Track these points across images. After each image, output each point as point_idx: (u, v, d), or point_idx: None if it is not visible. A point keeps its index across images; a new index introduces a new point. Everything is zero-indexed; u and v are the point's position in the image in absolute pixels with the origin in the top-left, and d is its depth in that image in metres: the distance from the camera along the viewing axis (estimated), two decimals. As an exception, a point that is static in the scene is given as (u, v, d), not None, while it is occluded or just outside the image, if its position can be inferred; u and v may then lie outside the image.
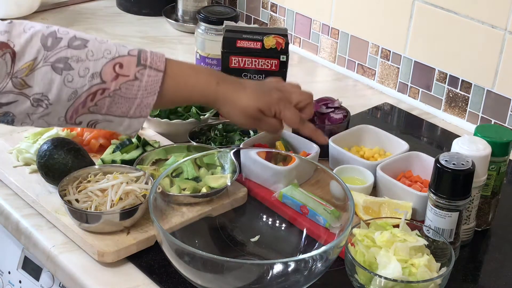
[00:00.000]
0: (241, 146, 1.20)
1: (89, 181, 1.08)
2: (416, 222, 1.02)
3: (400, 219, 0.99)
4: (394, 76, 1.57)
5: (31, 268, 1.16)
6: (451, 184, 0.98)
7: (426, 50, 1.49)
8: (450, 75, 1.46)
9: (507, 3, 1.32)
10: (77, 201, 1.04)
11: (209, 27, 1.44)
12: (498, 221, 1.15)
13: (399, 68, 1.56)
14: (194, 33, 1.48)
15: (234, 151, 1.09)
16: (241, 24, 1.43)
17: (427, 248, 0.96)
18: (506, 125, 1.39)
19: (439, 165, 0.98)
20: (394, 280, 0.89)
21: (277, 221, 1.09)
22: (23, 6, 1.82)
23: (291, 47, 1.69)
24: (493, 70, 1.38)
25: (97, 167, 1.12)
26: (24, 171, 1.16)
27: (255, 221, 1.11)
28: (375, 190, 1.16)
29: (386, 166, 1.15)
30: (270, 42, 1.26)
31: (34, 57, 0.92)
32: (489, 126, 1.11)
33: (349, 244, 0.96)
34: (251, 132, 1.29)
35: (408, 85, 1.55)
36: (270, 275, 0.90)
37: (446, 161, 0.98)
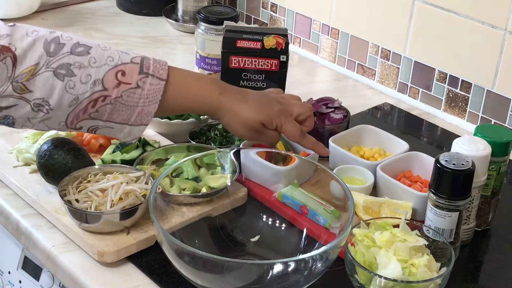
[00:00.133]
0: (241, 146, 1.20)
1: (89, 181, 1.08)
2: (416, 222, 1.02)
3: (400, 219, 0.99)
4: (394, 76, 1.57)
5: (31, 268, 1.15)
6: (451, 184, 0.98)
7: (426, 50, 1.49)
8: (450, 75, 1.46)
9: (507, 3, 1.32)
10: (77, 201, 1.04)
11: (209, 27, 1.44)
12: (498, 221, 1.15)
13: (399, 68, 1.55)
14: (194, 33, 1.48)
15: (234, 151, 1.09)
16: (241, 24, 1.42)
17: (427, 248, 0.96)
18: (506, 125, 1.39)
19: (439, 165, 0.98)
20: (394, 280, 0.89)
21: (277, 221, 1.09)
22: (23, 6, 1.82)
23: (291, 47, 1.70)
24: (493, 70, 1.38)
25: (97, 167, 1.11)
26: (24, 171, 1.16)
27: (255, 221, 1.11)
28: (375, 190, 1.16)
29: (386, 166, 1.15)
30: (270, 42, 1.26)
31: (36, 62, 0.92)
32: (489, 126, 1.11)
33: (349, 244, 0.95)
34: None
35: (408, 85, 1.55)
36: (270, 275, 0.90)
37: (446, 161, 0.98)
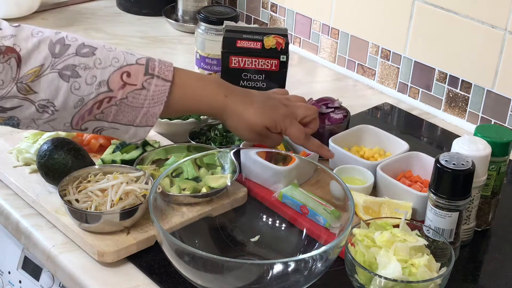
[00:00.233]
0: (241, 146, 1.20)
1: (89, 181, 1.08)
2: (416, 222, 1.02)
3: (400, 219, 0.99)
4: (394, 76, 1.57)
5: (31, 268, 1.15)
6: (451, 184, 0.98)
7: (426, 50, 1.49)
8: (450, 75, 1.46)
9: (507, 3, 1.32)
10: (77, 201, 1.04)
11: (209, 27, 1.44)
12: (498, 221, 1.15)
13: (399, 68, 1.55)
14: (194, 33, 1.48)
15: (234, 151, 1.09)
16: (241, 24, 1.42)
17: (427, 248, 0.96)
18: (506, 125, 1.39)
19: (439, 165, 0.98)
20: (394, 280, 0.89)
21: (277, 221, 1.09)
22: (23, 6, 1.82)
23: (291, 47, 1.70)
24: (493, 70, 1.38)
25: (97, 167, 1.11)
26: (24, 171, 1.16)
27: (255, 221, 1.10)
28: (375, 190, 1.16)
29: (386, 166, 1.15)
30: (270, 42, 1.26)
31: (41, 63, 0.91)
32: (489, 126, 1.11)
33: (349, 244, 0.95)
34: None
35: (408, 85, 1.55)
36: (270, 275, 0.90)
37: (446, 161, 0.98)
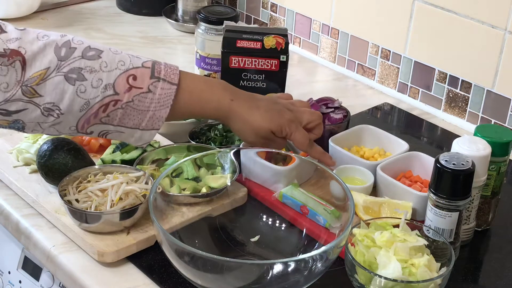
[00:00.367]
0: (241, 146, 1.20)
1: (89, 181, 1.08)
2: (416, 222, 1.02)
3: (400, 219, 0.99)
4: (394, 76, 1.57)
5: (31, 268, 1.16)
6: (451, 184, 0.98)
7: (426, 50, 1.49)
8: (450, 75, 1.46)
9: (507, 3, 1.32)
10: (77, 201, 1.04)
11: (209, 27, 1.44)
12: (498, 221, 1.15)
13: (399, 68, 1.55)
14: (194, 33, 1.48)
15: (234, 151, 1.09)
16: (241, 24, 1.42)
17: (427, 248, 0.96)
18: (506, 125, 1.39)
19: (439, 165, 0.98)
20: (394, 280, 0.89)
21: (277, 221, 1.09)
22: (23, 6, 1.82)
23: (291, 47, 1.70)
24: (493, 70, 1.38)
25: (97, 167, 1.11)
26: (24, 171, 1.16)
27: (255, 221, 1.10)
28: (375, 190, 1.16)
29: (386, 166, 1.15)
30: (270, 42, 1.26)
31: (47, 66, 0.91)
32: (489, 126, 1.11)
33: (349, 244, 0.95)
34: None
35: (408, 85, 1.55)
36: (270, 275, 0.90)
37: (446, 161, 0.98)
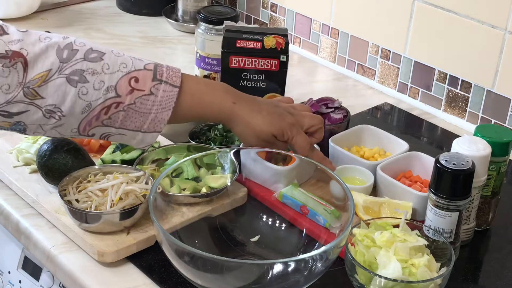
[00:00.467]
0: (241, 146, 1.20)
1: (89, 181, 1.08)
2: (416, 222, 1.02)
3: (400, 219, 0.99)
4: (394, 76, 1.57)
5: (31, 268, 1.16)
6: (451, 184, 0.98)
7: (426, 50, 1.49)
8: (450, 75, 1.46)
9: (507, 3, 1.32)
10: (77, 201, 1.04)
11: (209, 27, 1.44)
12: (498, 221, 1.15)
13: (399, 68, 1.55)
14: (194, 33, 1.48)
15: (234, 151, 1.09)
16: (241, 24, 1.42)
17: (427, 248, 0.96)
18: (506, 125, 1.39)
19: (439, 165, 0.98)
20: (394, 280, 0.89)
21: (277, 221, 1.09)
22: (23, 6, 1.82)
23: (291, 47, 1.70)
24: (493, 70, 1.38)
25: (97, 167, 1.11)
26: (24, 171, 1.16)
27: (255, 221, 1.10)
28: (375, 190, 1.16)
29: (386, 166, 1.15)
30: (270, 42, 1.26)
31: (49, 68, 0.91)
32: (489, 126, 1.11)
33: (349, 244, 0.95)
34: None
35: (408, 85, 1.55)
36: (270, 275, 0.90)
37: (446, 161, 0.98)
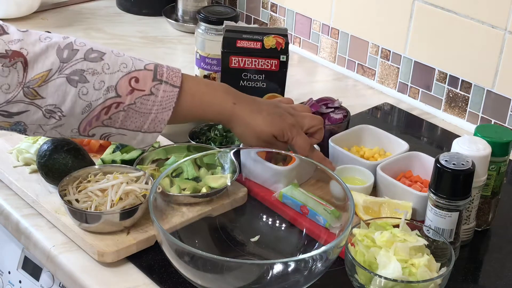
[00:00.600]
0: (241, 146, 1.20)
1: (89, 181, 1.08)
2: (416, 222, 1.02)
3: (400, 219, 0.99)
4: (394, 76, 1.57)
5: (31, 268, 1.16)
6: (451, 184, 0.98)
7: (426, 50, 1.49)
8: (450, 75, 1.46)
9: (507, 3, 1.32)
10: (77, 201, 1.04)
11: (209, 27, 1.44)
12: (498, 221, 1.15)
13: (399, 68, 1.55)
14: (194, 33, 1.48)
15: (234, 151, 1.09)
16: (241, 24, 1.42)
17: (427, 248, 0.96)
18: (506, 125, 1.39)
19: (439, 165, 0.98)
20: (394, 280, 0.89)
21: (277, 221, 1.09)
22: (23, 6, 1.82)
23: (291, 47, 1.70)
24: (493, 70, 1.38)
25: (97, 167, 1.11)
26: (24, 171, 1.16)
27: (255, 221, 1.10)
28: (375, 190, 1.16)
29: (386, 166, 1.15)
30: (270, 42, 1.26)
31: (49, 68, 0.91)
32: (489, 126, 1.11)
33: (349, 244, 0.95)
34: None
35: (408, 85, 1.55)
36: (270, 275, 0.90)
37: (446, 161, 0.98)
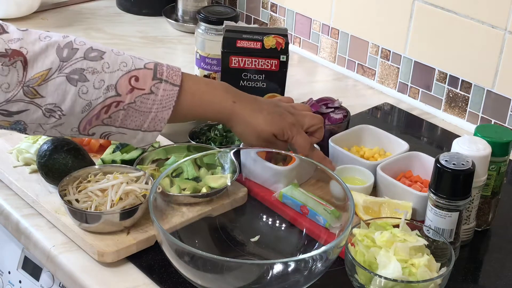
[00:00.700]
0: (241, 146, 1.20)
1: (89, 181, 1.08)
2: (416, 222, 1.02)
3: (400, 219, 0.99)
4: (394, 76, 1.57)
5: (31, 268, 1.16)
6: (451, 184, 0.98)
7: (426, 50, 1.49)
8: (450, 75, 1.46)
9: (507, 3, 1.32)
10: (77, 201, 1.04)
11: (209, 27, 1.44)
12: (498, 221, 1.15)
13: (399, 68, 1.55)
14: (194, 33, 1.48)
15: (234, 151, 1.09)
16: (241, 24, 1.42)
17: (427, 248, 0.96)
18: (506, 125, 1.39)
19: (439, 165, 0.98)
20: (394, 280, 0.89)
21: (277, 221, 1.09)
22: (23, 6, 1.82)
23: (291, 47, 1.70)
24: (493, 70, 1.38)
25: (97, 167, 1.11)
26: (24, 171, 1.16)
27: (255, 221, 1.10)
28: (375, 190, 1.16)
29: (386, 166, 1.15)
30: (270, 42, 1.26)
31: (49, 67, 0.91)
32: (489, 126, 1.11)
33: (349, 244, 0.96)
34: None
35: (408, 85, 1.55)
36: (270, 275, 0.90)
37: (446, 161, 0.98)
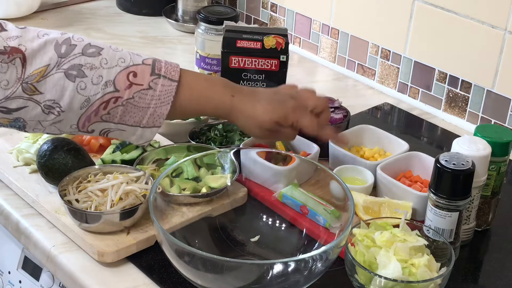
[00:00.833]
0: (241, 146, 1.20)
1: (89, 181, 1.08)
2: (416, 222, 1.02)
3: (400, 219, 0.99)
4: (394, 76, 1.57)
5: (31, 268, 1.16)
6: (451, 184, 0.98)
7: (426, 50, 1.49)
8: (450, 75, 1.46)
9: (507, 3, 1.32)
10: (77, 201, 1.04)
11: (209, 27, 1.44)
12: (498, 221, 1.15)
13: (399, 68, 1.55)
14: (194, 33, 1.48)
15: (234, 151, 1.09)
16: (241, 24, 1.42)
17: (427, 248, 0.96)
18: (506, 125, 1.39)
19: (439, 165, 0.98)
20: (394, 280, 0.89)
21: (277, 221, 1.09)
22: (23, 6, 1.82)
23: (291, 47, 1.70)
24: (493, 70, 1.38)
25: (97, 167, 1.11)
26: (24, 171, 1.16)
27: (255, 221, 1.11)
28: (375, 190, 1.16)
29: (386, 166, 1.15)
30: (270, 42, 1.26)
31: (47, 63, 0.91)
32: (489, 126, 1.11)
33: (349, 244, 0.96)
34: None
35: (408, 85, 1.55)
36: (270, 275, 0.90)
37: (446, 161, 0.98)
